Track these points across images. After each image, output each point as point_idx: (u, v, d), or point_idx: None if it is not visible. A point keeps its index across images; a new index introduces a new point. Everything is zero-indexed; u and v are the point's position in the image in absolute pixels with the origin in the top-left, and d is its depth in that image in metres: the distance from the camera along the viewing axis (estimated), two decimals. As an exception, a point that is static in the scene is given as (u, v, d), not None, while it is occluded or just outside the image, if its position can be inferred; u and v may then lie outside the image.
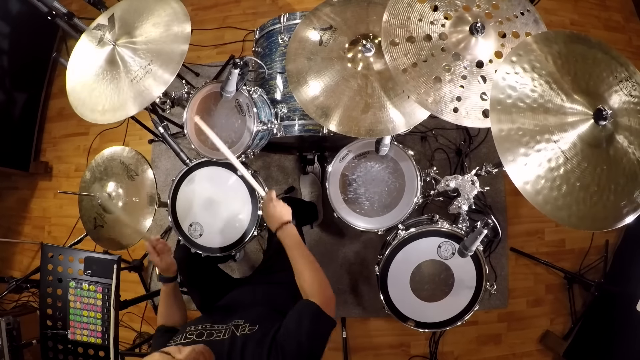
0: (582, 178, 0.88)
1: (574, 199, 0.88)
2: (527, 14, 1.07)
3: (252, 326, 0.97)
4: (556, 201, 0.87)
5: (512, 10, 1.07)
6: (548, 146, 0.87)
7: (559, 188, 0.87)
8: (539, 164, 0.87)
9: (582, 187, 0.88)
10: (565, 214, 0.87)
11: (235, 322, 1.00)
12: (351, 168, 1.42)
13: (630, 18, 2.19)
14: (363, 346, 2.05)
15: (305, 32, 1.24)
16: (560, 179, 0.87)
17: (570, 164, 0.88)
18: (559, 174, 0.87)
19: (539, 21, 1.07)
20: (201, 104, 1.39)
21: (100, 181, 1.54)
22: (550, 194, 0.87)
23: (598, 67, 0.93)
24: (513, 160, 0.87)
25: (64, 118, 2.61)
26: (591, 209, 0.88)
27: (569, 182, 0.88)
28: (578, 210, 0.88)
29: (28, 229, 2.60)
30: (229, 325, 1.00)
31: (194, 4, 2.50)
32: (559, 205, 0.87)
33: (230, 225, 1.43)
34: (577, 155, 0.88)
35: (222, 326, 1.01)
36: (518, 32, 1.06)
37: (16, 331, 1.66)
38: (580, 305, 1.95)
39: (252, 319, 1.01)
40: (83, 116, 1.26)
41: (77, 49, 1.36)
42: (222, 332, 0.98)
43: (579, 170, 0.88)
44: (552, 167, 0.87)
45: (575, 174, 0.88)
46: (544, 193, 0.87)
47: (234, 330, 0.97)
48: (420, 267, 1.31)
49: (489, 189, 1.48)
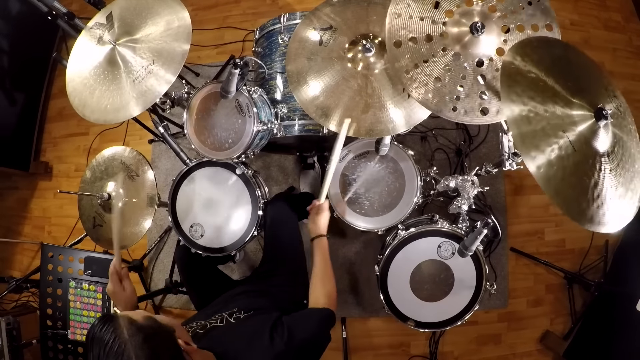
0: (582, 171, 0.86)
1: (580, 191, 0.86)
2: (536, 4, 1.03)
3: (247, 312, 0.97)
4: (565, 191, 0.84)
5: (519, 1, 1.03)
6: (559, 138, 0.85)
7: (569, 178, 0.85)
8: (551, 150, 0.84)
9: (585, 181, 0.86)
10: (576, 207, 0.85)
11: (230, 311, 1.00)
12: (351, 168, 1.42)
13: (630, 18, 2.19)
14: (363, 346, 2.05)
15: (306, 32, 1.24)
16: (570, 168, 0.85)
17: (577, 155, 0.86)
18: (569, 163, 0.85)
19: (548, 9, 1.04)
20: (201, 104, 1.39)
21: (101, 181, 1.54)
22: (562, 183, 0.84)
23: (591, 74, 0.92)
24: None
25: (64, 118, 2.61)
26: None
27: (578, 172, 0.86)
28: (584, 206, 0.86)
29: (28, 229, 2.60)
30: (223, 314, 0.99)
31: (194, 4, 2.50)
32: (569, 196, 0.85)
33: (231, 226, 1.43)
34: (582, 147, 0.86)
35: (215, 316, 1.00)
36: (523, 25, 1.03)
37: (16, 331, 1.66)
38: (580, 305, 1.95)
39: (247, 307, 1.01)
40: (85, 117, 1.26)
41: (76, 49, 1.36)
42: (216, 320, 0.97)
43: (584, 163, 0.86)
44: (561, 156, 0.85)
45: (579, 166, 0.86)
46: (556, 181, 0.83)
47: (227, 317, 0.97)
48: (420, 267, 1.31)
49: (489, 189, 1.48)
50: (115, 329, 0.66)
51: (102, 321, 0.69)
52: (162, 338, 0.70)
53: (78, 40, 1.36)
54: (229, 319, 0.96)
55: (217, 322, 0.96)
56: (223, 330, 0.93)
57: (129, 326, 0.67)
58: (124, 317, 0.70)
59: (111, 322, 0.68)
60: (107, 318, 0.69)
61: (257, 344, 0.85)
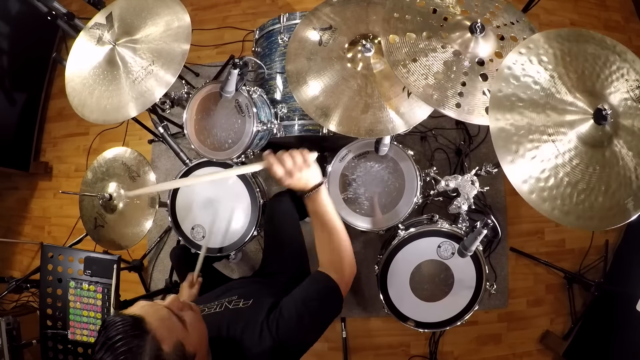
0: (572, 174, 0.87)
1: (559, 193, 0.87)
2: (523, 23, 1.09)
3: (246, 301, 0.94)
4: (541, 192, 0.86)
5: (509, 17, 1.09)
6: (542, 138, 0.87)
7: (546, 180, 0.86)
8: (530, 151, 0.86)
9: (569, 183, 0.87)
10: (548, 206, 0.86)
11: (229, 298, 0.98)
12: (351, 168, 1.42)
13: (630, 18, 2.19)
14: (363, 346, 2.05)
15: (305, 32, 1.24)
16: (549, 170, 0.86)
17: (562, 158, 0.87)
18: (548, 165, 0.86)
19: (535, 30, 1.07)
20: (201, 104, 1.39)
21: (102, 182, 1.55)
22: (536, 184, 0.86)
23: (607, 69, 0.92)
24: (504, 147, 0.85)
25: (64, 118, 2.61)
26: (577, 206, 0.87)
27: (557, 176, 0.86)
28: (562, 205, 0.87)
29: (28, 229, 2.60)
30: (222, 300, 0.98)
31: (193, 4, 2.50)
32: (543, 197, 0.86)
33: (230, 226, 1.43)
34: (570, 150, 0.87)
35: (214, 303, 0.99)
36: (516, 37, 1.06)
37: (16, 331, 1.66)
38: (580, 305, 1.95)
39: (245, 295, 0.97)
40: (84, 117, 1.26)
41: (75, 49, 1.36)
42: (214, 306, 0.96)
43: (570, 165, 0.87)
44: (542, 158, 0.86)
45: (565, 169, 0.87)
46: (530, 182, 0.86)
47: (226, 304, 0.95)
48: (420, 267, 1.31)
49: (489, 189, 1.48)
50: (139, 346, 0.64)
51: (132, 328, 0.65)
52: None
53: (77, 40, 1.36)
54: (228, 305, 0.95)
55: (217, 308, 0.96)
56: (220, 316, 0.92)
57: (153, 354, 0.64)
58: (153, 339, 0.65)
59: (140, 339, 0.64)
60: (138, 327, 0.65)
61: (248, 336, 0.83)
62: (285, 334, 0.82)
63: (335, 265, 0.94)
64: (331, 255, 0.95)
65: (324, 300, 0.89)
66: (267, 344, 0.81)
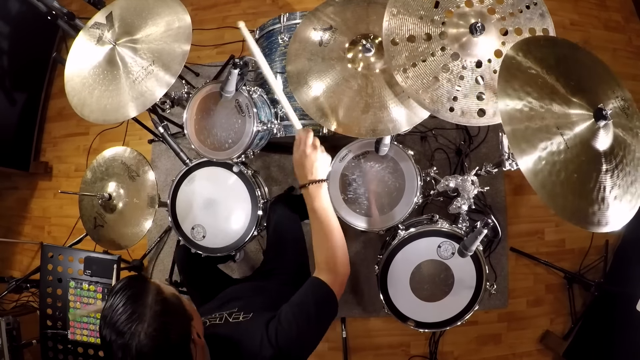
0: (579, 170, 0.86)
1: (570, 189, 0.85)
2: (533, 8, 1.04)
3: (247, 314, 0.96)
4: (554, 187, 0.83)
5: (517, 4, 1.04)
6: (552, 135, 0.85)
7: (558, 174, 0.84)
8: (541, 143, 0.84)
9: (579, 180, 0.85)
10: (561, 202, 0.84)
11: (229, 311, 0.99)
12: (351, 168, 1.41)
13: (630, 18, 2.19)
14: (363, 346, 2.05)
15: (306, 33, 1.24)
16: (560, 164, 0.84)
17: (571, 152, 0.85)
18: (560, 159, 0.84)
19: (545, 14, 1.05)
20: (201, 104, 1.39)
21: (102, 181, 1.55)
22: (549, 178, 0.83)
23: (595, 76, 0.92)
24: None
25: (64, 118, 2.61)
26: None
27: (568, 170, 0.84)
28: (572, 202, 0.85)
29: (28, 229, 2.60)
30: (223, 313, 0.99)
31: (194, 4, 2.50)
32: (556, 192, 0.83)
33: (231, 226, 1.43)
34: (577, 146, 0.86)
35: (216, 314, 1.00)
36: (521, 29, 1.04)
37: (16, 331, 1.66)
38: (580, 305, 1.95)
39: (246, 308, 0.99)
40: (84, 116, 1.26)
41: (74, 48, 1.35)
42: (215, 319, 0.97)
43: (577, 162, 0.85)
44: (553, 151, 0.84)
45: (574, 164, 0.85)
46: (543, 175, 0.83)
47: (227, 317, 0.96)
48: (420, 267, 1.31)
49: (489, 189, 1.48)
50: (143, 290, 0.71)
51: (134, 279, 0.73)
52: (179, 319, 0.73)
53: (77, 40, 1.35)
54: (228, 318, 0.96)
55: (217, 320, 0.96)
56: (221, 329, 0.93)
57: (155, 294, 0.71)
58: (155, 284, 0.74)
59: (143, 283, 0.72)
60: (140, 278, 0.74)
61: (248, 347, 0.84)
62: (285, 342, 0.84)
63: (330, 265, 0.96)
64: (326, 254, 0.96)
65: (320, 307, 0.90)
66: (268, 353, 0.82)
